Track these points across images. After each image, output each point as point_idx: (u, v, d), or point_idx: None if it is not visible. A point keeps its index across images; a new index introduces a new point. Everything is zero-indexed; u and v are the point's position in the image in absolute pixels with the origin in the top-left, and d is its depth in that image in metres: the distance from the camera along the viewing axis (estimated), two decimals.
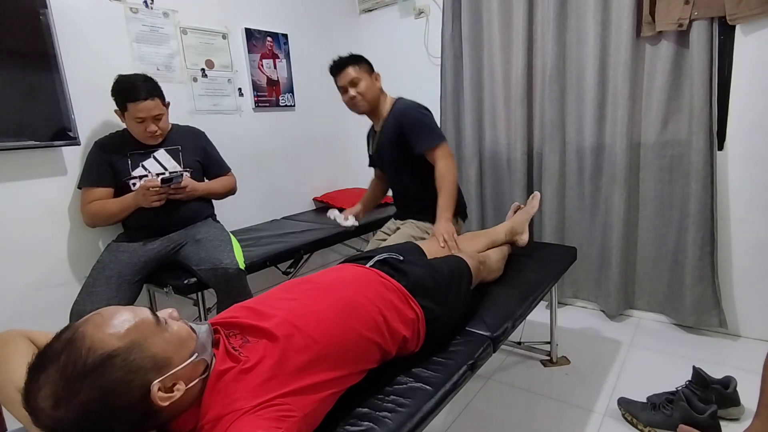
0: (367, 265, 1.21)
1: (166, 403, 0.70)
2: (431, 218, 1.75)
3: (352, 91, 1.79)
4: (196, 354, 0.76)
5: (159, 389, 0.69)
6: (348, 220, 1.97)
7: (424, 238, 1.78)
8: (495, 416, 1.63)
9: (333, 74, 1.85)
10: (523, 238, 1.77)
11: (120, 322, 0.70)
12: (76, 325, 0.68)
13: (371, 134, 2.03)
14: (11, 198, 1.62)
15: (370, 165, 2.13)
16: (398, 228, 1.92)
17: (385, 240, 1.88)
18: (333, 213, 2.03)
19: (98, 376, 0.64)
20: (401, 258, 1.27)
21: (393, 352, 1.04)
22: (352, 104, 1.83)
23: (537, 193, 1.87)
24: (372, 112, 1.87)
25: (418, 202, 1.88)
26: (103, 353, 0.65)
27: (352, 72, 1.79)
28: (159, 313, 0.77)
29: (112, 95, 1.65)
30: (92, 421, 0.64)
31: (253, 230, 2.30)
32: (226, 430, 0.71)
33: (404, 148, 1.78)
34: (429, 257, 1.45)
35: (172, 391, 0.71)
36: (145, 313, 0.74)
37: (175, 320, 0.79)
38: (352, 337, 0.93)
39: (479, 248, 1.64)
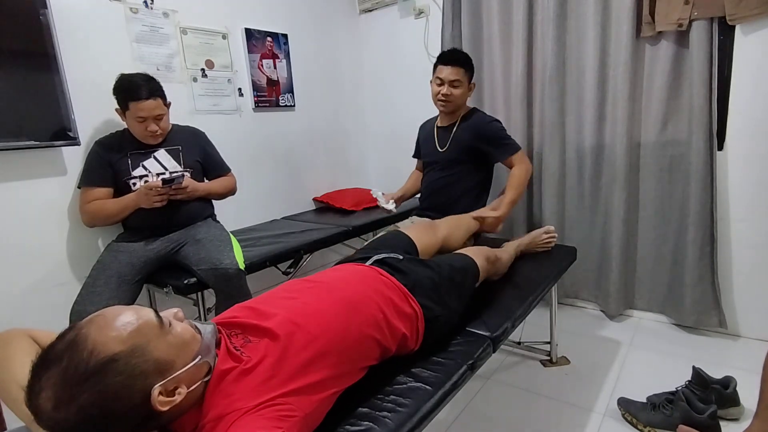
0: (367, 264, 1.21)
1: (167, 408, 0.69)
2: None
3: (446, 89, 1.84)
4: (200, 357, 0.76)
5: (160, 393, 0.69)
6: (389, 204, 1.96)
7: None
8: (495, 416, 1.63)
9: (440, 62, 1.86)
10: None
11: (123, 324, 0.69)
12: (79, 326, 0.68)
13: (429, 129, 2.07)
14: (11, 198, 1.62)
15: (415, 156, 2.23)
16: (412, 223, 1.95)
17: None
18: (377, 192, 2.02)
19: (99, 380, 0.64)
20: (400, 258, 1.27)
21: (393, 349, 1.05)
22: (442, 99, 1.87)
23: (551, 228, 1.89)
24: (450, 112, 1.94)
25: (447, 200, 1.95)
26: (105, 357, 0.65)
27: (459, 73, 1.83)
28: (163, 314, 0.77)
29: (114, 94, 1.65)
30: (92, 423, 0.64)
31: (253, 230, 2.29)
32: (227, 429, 0.71)
33: (472, 153, 1.91)
34: (418, 245, 1.48)
35: (174, 395, 0.71)
36: (149, 314, 0.73)
37: (179, 321, 0.78)
38: (353, 334, 0.94)
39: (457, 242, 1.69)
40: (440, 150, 1.98)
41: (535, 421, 1.60)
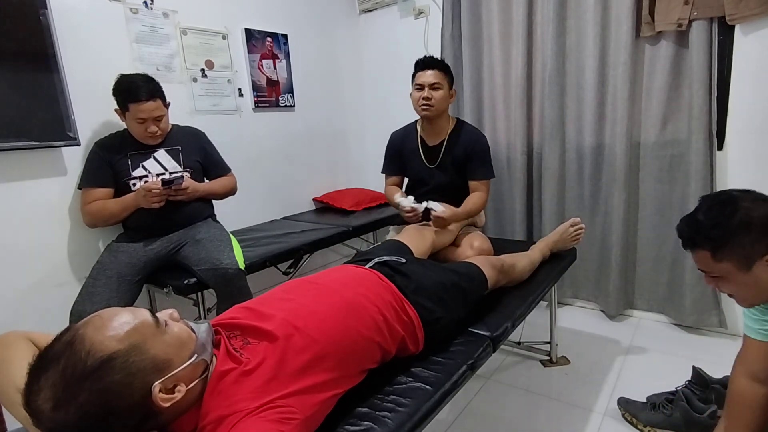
0: (367, 267, 1.21)
1: (168, 404, 0.70)
2: None
3: (426, 93, 1.81)
4: (196, 355, 0.76)
5: (160, 390, 0.69)
6: (407, 200, 1.84)
7: None
8: (495, 416, 1.63)
9: (418, 68, 1.86)
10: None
11: (119, 324, 0.70)
12: (76, 327, 0.69)
13: (411, 143, 1.97)
14: (11, 198, 1.62)
15: (390, 172, 2.05)
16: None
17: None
18: (408, 202, 1.85)
19: (98, 379, 0.64)
20: (403, 261, 1.27)
21: (393, 351, 1.05)
22: (424, 104, 1.83)
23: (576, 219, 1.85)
24: (433, 121, 1.89)
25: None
26: (103, 356, 0.65)
27: (438, 76, 1.81)
28: (159, 314, 0.77)
29: (114, 94, 1.65)
30: (92, 422, 0.64)
31: (253, 230, 2.29)
32: (229, 431, 0.71)
33: (462, 167, 1.90)
34: (413, 249, 1.50)
35: (173, 393, 0.71)
36: (145, 314, 0.74)
37: (175, 321, 0.79)
38: (352, 336, 0.94)
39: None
40: (430, 166, 1.93)
41: (534, 421, 1.60)
